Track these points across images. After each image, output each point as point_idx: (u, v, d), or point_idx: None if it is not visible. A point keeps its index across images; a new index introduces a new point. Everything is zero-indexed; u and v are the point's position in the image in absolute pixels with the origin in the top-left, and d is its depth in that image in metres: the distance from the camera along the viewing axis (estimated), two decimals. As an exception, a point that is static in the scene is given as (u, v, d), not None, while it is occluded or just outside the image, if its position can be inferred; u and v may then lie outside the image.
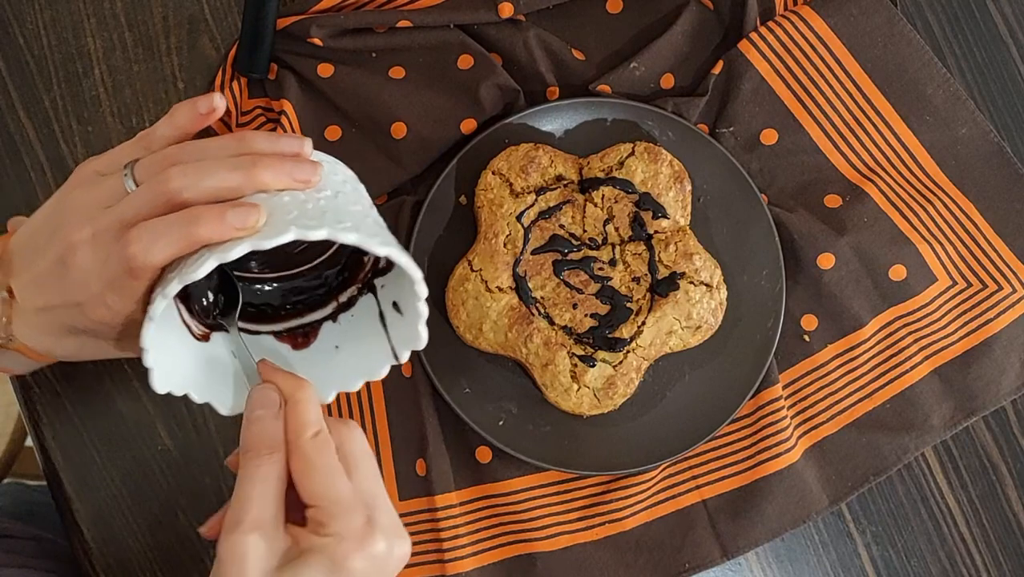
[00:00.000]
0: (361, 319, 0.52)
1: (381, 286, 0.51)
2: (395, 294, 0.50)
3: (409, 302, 0.47)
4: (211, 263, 0.41)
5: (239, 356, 0.49)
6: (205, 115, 0.48)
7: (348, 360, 0.51)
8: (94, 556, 0.63)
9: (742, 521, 0.63)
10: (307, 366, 0.51)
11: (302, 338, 0.52)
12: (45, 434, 0.63)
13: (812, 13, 0.66)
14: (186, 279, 0.41)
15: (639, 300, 0.62)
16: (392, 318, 0.50)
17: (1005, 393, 0.65)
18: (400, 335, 0.49)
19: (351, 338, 0.52)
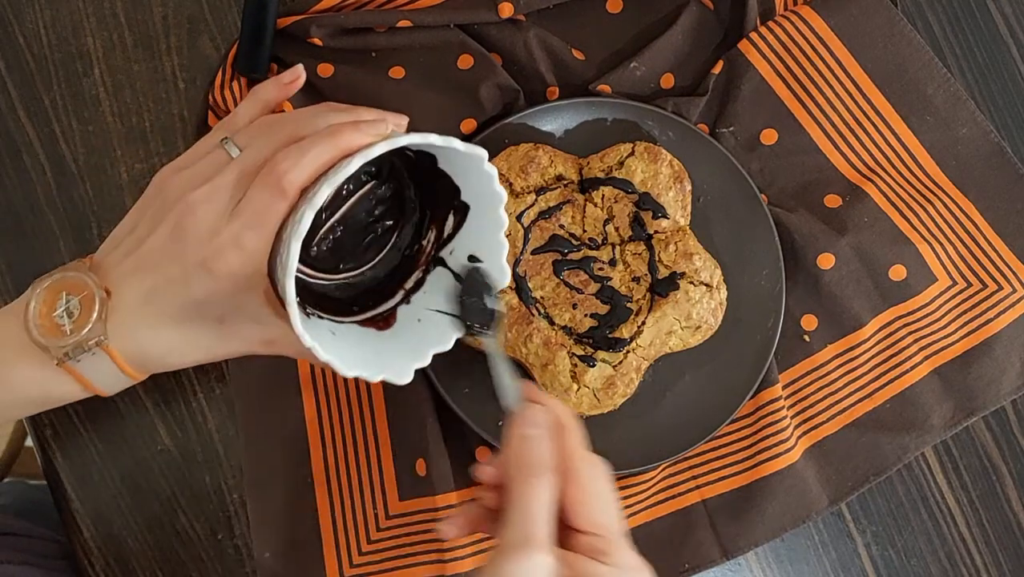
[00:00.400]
0: (435, 290, 0.54)
1: (450, 252, 0.53)
2: (471, 247, 0.52)
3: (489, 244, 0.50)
4: (357, 162, 0.44)
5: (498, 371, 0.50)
6: (289, 84, 0.51)
7: (434, 326, 0.52)
8: (94, 556, 0.63)
9: (742, 521, 0.63)
10: (396, 340, 0.53)
11: (382, 323, 0.54)
12: (45, 434, 0.63)
13: (812, 13, 0.66)
14: (335, 181, 0.44)
15: (639, 300, 0.62)
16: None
17: (1005, 393, 0.65)
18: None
19: (431, 307, 0.53)
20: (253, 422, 0.63)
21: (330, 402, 0.63)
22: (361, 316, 0.54)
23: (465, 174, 0.50)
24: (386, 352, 0.52)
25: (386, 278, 0.55)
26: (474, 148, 0.47)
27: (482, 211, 0.51)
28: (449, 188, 0.52)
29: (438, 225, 0.54)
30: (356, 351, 0.50)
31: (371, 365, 0.48)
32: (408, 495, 0.63)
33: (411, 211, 0.55)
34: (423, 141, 0.46)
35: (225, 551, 0.63)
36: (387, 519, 0.63)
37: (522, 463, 0.43)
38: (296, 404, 0.63)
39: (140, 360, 0.51)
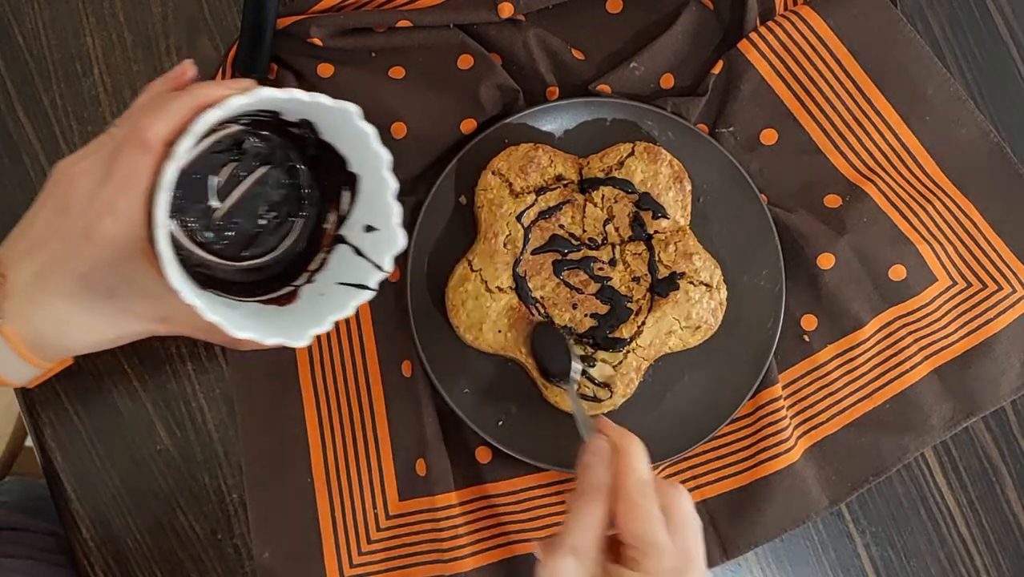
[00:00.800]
0: (336, 266, 0.54)
1: (349, 228, 0.54)
2: (366, 218, 0.53)
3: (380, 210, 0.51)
4: (216, 112, 0.45)
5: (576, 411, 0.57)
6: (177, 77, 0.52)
7: (336, 295, 0.53)
8: (93, 556, 0.63)
9: (742, 521, 0.63)
10: (298, 315, 0.53)
11: (285, 299, 0.54)
12: (45, 434, 0.63)
13: (812, 13, 0.66)
14: (196, 131, 0.45)
15: (639, 300, 0.62)
16: (368, 242, 0.53)
17: (1005, 393, 0.65)
18: (379, 249, 0.52)
19: (331, 282, 0.54)
20: (253, 422, 0.63)
21: (330, 402, 0.63)
22: (262, 297, 0.54)
23: (348, 142, 0.51)
24: (284, 322, 0.52)
25: (292, 262, 0.56)
26: (343, 103, 0.47)
27: (370, 178, 0.51)
28: (338, 161, 0.53)
29: (336, 204, 0.55)
30: (250, 319, 0.50)
31: (264, 330, 0.49)
32: (408, 495, 0.63)
33: (310, 195, 0.55)
34: (284, 96, 0.46)
35: (225, 551, 0.63)
36: (387, 519, 0.63)
37: (579, 485, 0.50)
38: (296, 404, 0.63)
39: (38, 343, 0.51)
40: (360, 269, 0.53)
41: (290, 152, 0.54)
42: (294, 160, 0.54)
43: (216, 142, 0.52)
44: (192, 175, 0.51)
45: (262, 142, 0.53)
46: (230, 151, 0.53)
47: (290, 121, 0.52)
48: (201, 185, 0.52)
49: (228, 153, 0.52)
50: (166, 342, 0.64)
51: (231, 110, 0.46)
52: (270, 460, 0.63)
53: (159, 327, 0.52)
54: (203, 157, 0.52)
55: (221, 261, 0.54)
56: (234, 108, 0.46)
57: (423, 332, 0.63)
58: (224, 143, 0.52)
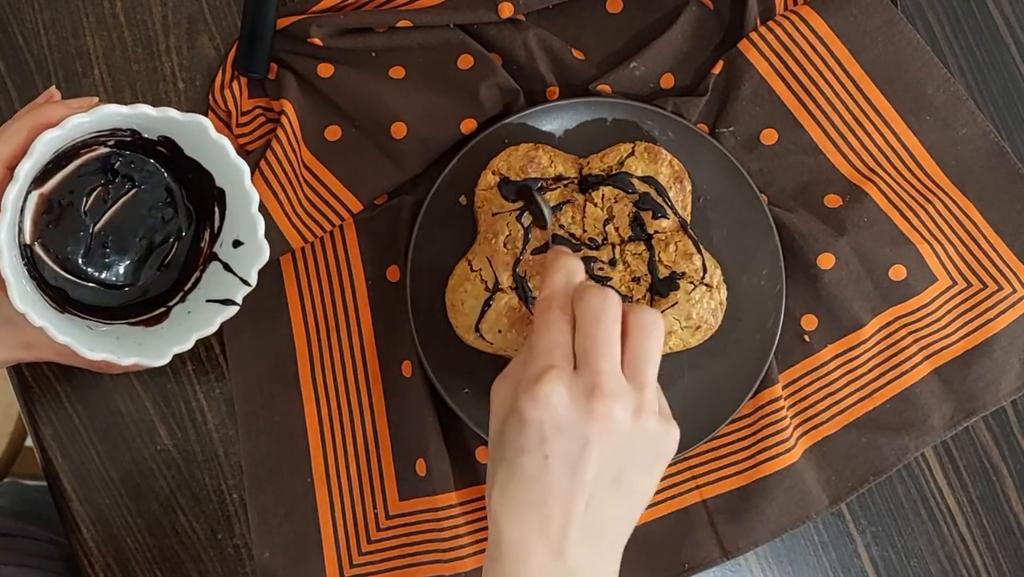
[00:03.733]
0: (206, 283, 0.55)
1: (220, 245, 0.55)
2: (234, 233, 0.53)
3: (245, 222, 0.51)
4: (56, 133, 0.46)
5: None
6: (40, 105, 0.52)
7: (202, 313, 0.54)
8: (93, 556, 0.63)
9: (742, 521, 0.63)
10: (165, 331, 0.54)
11: (155, 320, 0.55)
12: (45, 434, 0.63)
13: (812, 13, 0.66)
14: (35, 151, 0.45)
15: (639, 300, 0.62)
16: (236, 257, 0.54)
17: (1005, 393, 0.65)
18: (246, 263, 0.53)
19: (200, 299, 0.55)
20: (253, 422, 0.63)
21: (330, 402, 0.63)
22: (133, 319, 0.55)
23: (209, 156, 0.51)
24: (149, 341, 0.53)
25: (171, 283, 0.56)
26: (194, 116, 0.47)
27: (234, 191, 0.52)
28: (206, 178, 0.53)
29: (209, 222, 0.55)
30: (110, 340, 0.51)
31: (122, 350, 0.49)
32: (408, 495, 0.63)
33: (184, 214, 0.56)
34: (131, 111, 0.46)
35: (225, 551, 0.63)
36: (387, 519, 0.63)
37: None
38: (296, 404, 0.63)
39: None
40: (228, 284, 0.53)
41: (162, 172, 0.54)
42: (166, 180, 0.55)
43: (82, 165, 0.52)
44: (58, 200, 0.51)
45: (132, 163, 0.53)
46: (100, 174, 0.53)
47: (153, 140, 0.52)
48: (71, 210, 0.52)
49: (97, 176, 0.53)
50: (166, 342, 0.64)
51: (72, 129, 0.46)
52: (270, 460, 0.63)
53: (22, 354, 0.52)
54: (69, 181, 0.52)
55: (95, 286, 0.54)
56: (74, 127, 0.46)
57: (423, 332, 0.63)
58: (91, 166, 0.52)
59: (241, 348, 0.63)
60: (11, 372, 0.64)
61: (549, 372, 0.46)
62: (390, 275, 0.64)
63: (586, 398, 0.46)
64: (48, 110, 0.47)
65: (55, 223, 0.52)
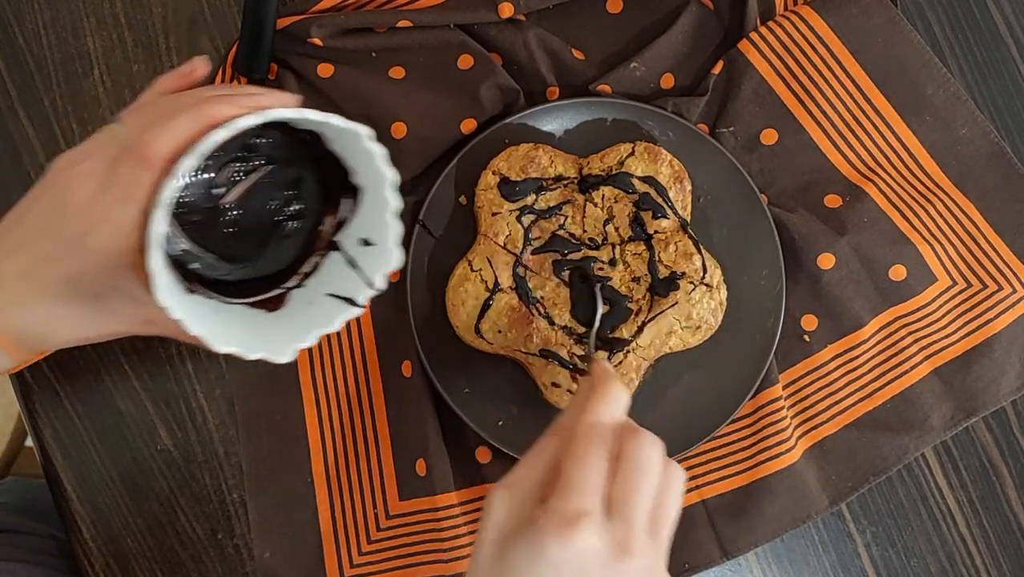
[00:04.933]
0: (328, 275, 0.54)
1: (346, 237, 0.54)
2: (363, 231, 0.53)
3: (380, 228, 0.50)
4: (222, 133, 0.44)
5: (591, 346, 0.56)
6: (186, 74, 0.52)
7: (323, 307, 0.53)
8: (93, 556, 0.63)
9: (742, 521, 0.63)
10: (284, 321, 0.53)
11: (273, 303, 0.54)
12: (45, 434, 0.63)
13: (812, 13, 0.66)
14: (200, 151, 0.44)
15: (639, 300, 0.62)
16: (363, 255, 0.53)
17: (1005, 393, 0.65)
18: (373, 265, 0.52)
19: (321, 291, 0.54)
20: (253, 422, 0.63)
21: (330, 402, 0.63)
22: (252, 298, 0.54)
23: (354, 155, 0.51)
24: (271, 333, 0.52)
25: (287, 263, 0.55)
26: (354, 125, 0.47)
27: (372, 193, 0.51)
28: (341, 171, 0.52)
29: (335, 210, 0.54)
30: (236, 329, 0.50)
31: (249, 343, 0.48)
32: (408, 495, 0.63)
33: (310, 197, 0.55)
34: (294, 116, 0.46)
35: (225, 551, 0.63)
36: (387, 519, 0.63)
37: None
38: (296, 404, 0.63)
39: (19, 337, 0.50)
40: (351, 283, 0.53)
41: (294, 153, 0.54)
42: (298, 161, 0.54)
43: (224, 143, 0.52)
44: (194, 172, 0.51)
45: (267, 140, 0.53)
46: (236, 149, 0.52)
47: (297, 128, 0.52)
48: (202, 182, 0.51)
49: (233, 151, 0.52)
50: (166, 342, 0.64)
51: (238, 130, 0.45)
52: (270, 460, 0.63)
53: (142, 329, 0.51)
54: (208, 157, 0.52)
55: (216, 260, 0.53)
56: (241, 128, 0.45)
57: (423, 332, 0.63)
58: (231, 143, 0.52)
59: (241, 348, 0.63)
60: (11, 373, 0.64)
61: (585, 519, 0.42)
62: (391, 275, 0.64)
63: (617, 554, 0.43)
64: (217, 108, 0.46)
65: (188, 194, 0.51)
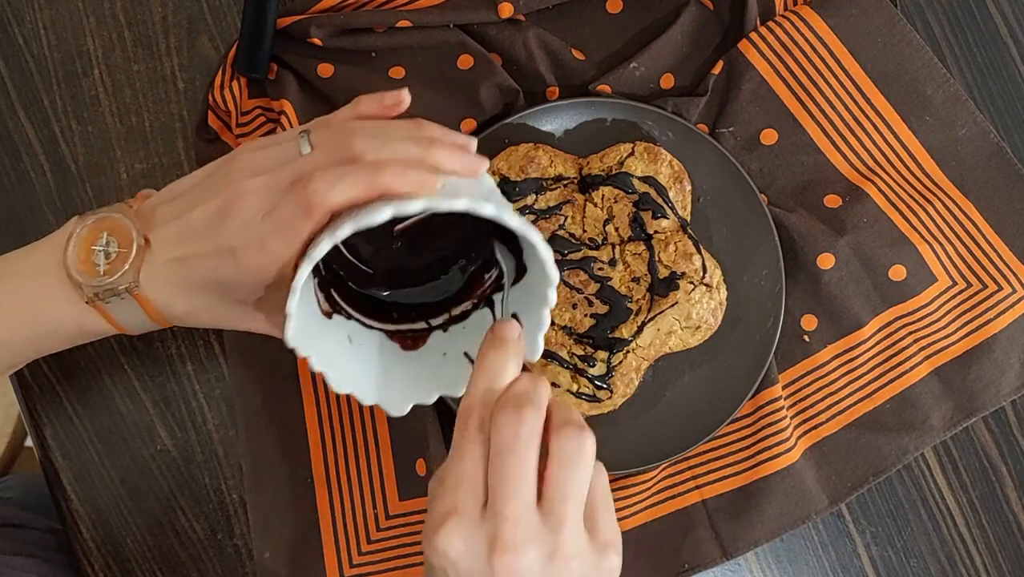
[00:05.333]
0: (472, 330, 0.53)
1: (501, 300, 0.52)
2: (517, 306, 0.51)
3: (532, 312, 0.49)
4: (388, 212, 0.43)
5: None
6: (390, 107, 0.51)
7: (454, 367, 0.52)
8: (93, 556, 0.63)
9: (742, 521, 0.63)
10: (413, 366, 0.52)
11: (411, 341, 0.53)
12: (45, 434, 0.63)
13: (812, 13, 0.66)
14: (360, 224, 0.43)
15: (639, 300, 0.62)
16: None
17: (1005, 393, 0.65)
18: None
19: (460, 347, 0.52)
20: (253, 422, 0.63)
21: (330, 402, 0.63)
22: (394, 326, 0.53)
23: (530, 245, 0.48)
24: (395, 376, 0.51)
25: (436, 300, 0.54)
26: (528, 229, 0.44)
27: (536, 282, 0.49)
28: (516, 244, 0.51)
29: (499, 272, 0.53)
30: (362, 365, 0.50)
31: (369, 387, 0.48)
32: (408, 495, 0.63)
33: (480, 248, 0.53)
34: (469, 209, 0.43)
35: (225, 551, 0.63)
36: (387, 519, 0.63)
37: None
38: (296, 404, 0.63)
39: (165, 312, 0.52)
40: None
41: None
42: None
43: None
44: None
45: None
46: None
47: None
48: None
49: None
50: (166, 342, 0.64)
51: (406, 210, 0.43)
52: (270, 460, 0.63)
53: (277, 332, 0.52)
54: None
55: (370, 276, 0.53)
56: (406, 213, 0.43)
57: (423, 332, 0.63)
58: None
59: (241, 348, 0.63)
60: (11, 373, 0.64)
61: (448, 520, 0.41)
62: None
63: (487, 552, 0.40)
64: (390, 180, 0.44)
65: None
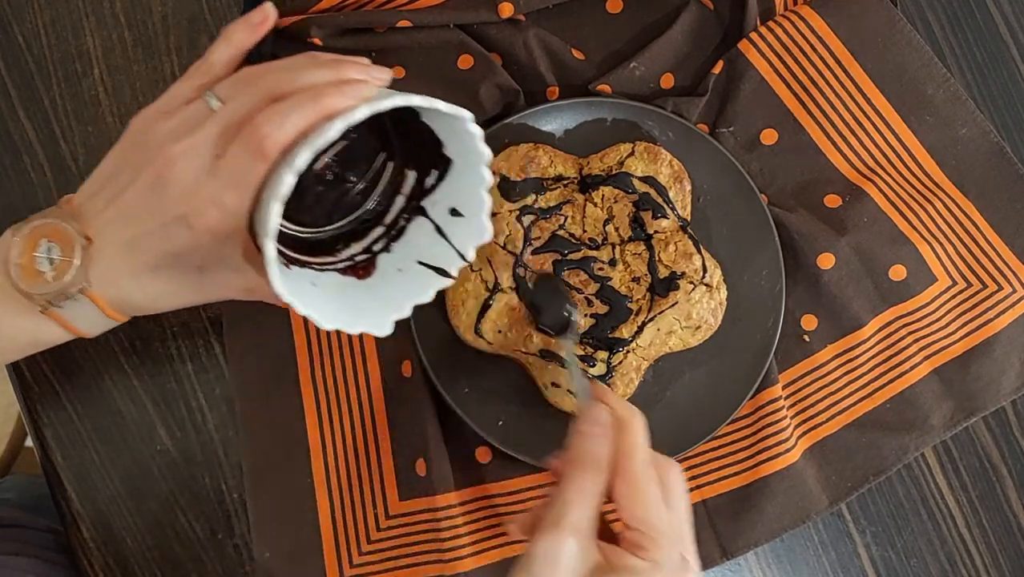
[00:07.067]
0: (416, 241, 0.54)
1: (432, 204, 0.54)
2: (453, 200, 0.52)
3: (471, 198, 0.50)
4: (338, 125, 0.44)
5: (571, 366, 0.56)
6: (259, 24, 0.51)
7: (414, 277, 0.53)
8: (93, 556, 0.63)
9: (742, 521, 0.63)
10: (376, 290, 0.53)
11: (363, 270, 0.54)
12: (45, 434, 0.63)
13: (812, 13, 0.66)
14: (316, 146, 0.44)
15: (639, 300, 0.62)
16: (452, 225, 0.53)
17: (1005, 393, 0.65)
18: (464, 236, 0.52)
19: (411, 259, 0.54)
20: (253, 422, 0.63)
21: (330, 402, 0.63)
22: (339, 261, 0.54)
23: (449, 131, 0.50)
24: (365, 303, 0.52)
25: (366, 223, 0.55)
26: (458, 110, 0.47)
27: (466, 167, 0.51)
28: (432, 140, 0.52)
29: (419, 172, 0.54)
30: (335, 303, 0.50)
31: (350, 317, 0.49)
32: (408, 495, 0.63)
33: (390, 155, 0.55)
34: (406, 102, 0.46)
35: (225, 551, 0.63)
36: (387, 519, 0.63)
37: (575, 456, 0.46)
38: (296, 404, 0.63)
39: (123, 305, 0.51)
40: (440, 253, 0.53)
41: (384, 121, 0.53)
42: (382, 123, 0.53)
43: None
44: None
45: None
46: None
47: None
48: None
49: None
50: (166, 342, 0.64)
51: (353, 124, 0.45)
52: (270, 460, 0.63)
53: (241, 296, 0.52)
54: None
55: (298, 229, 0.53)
56: (356, 121, 0.45)
57: (423, 332, 0.63)
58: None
59: (241, 348, 0.63)
60: (11, 372, 0.64)
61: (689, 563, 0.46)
62: None
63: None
64: (333, 102, 0.45)
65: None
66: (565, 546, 0.43)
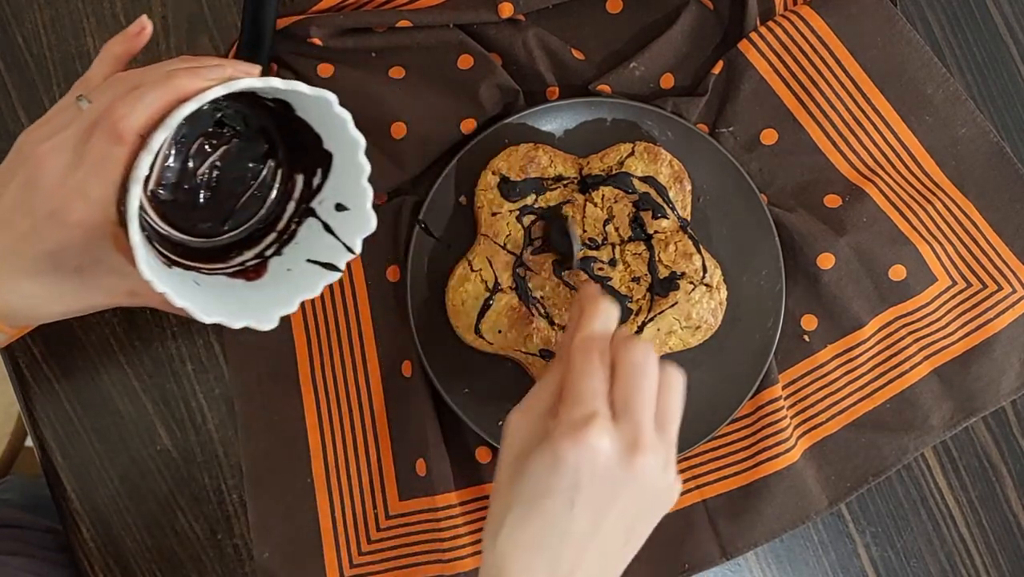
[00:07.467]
0: (306, 241, 0.55)
1: (319, 203, 0.54)
2: (337, 196, 0.53)
3: (353, 189, 0.51)
4: (191, 106, 0.45)
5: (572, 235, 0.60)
6: (136, 35, 0.52)
7: (304, 274, 0.54)
8: (93, 556, 0.63)
9: (742, 521, 0.63)
10: (266, 291, 0.54)
11: (253, 273, 0.55)
12: (44, 434, 0.63)
13: (812, 13, 0.66)
14: (170, 126, 0.45)
15: (639, 300, 0.62)
16: (339, 221, 0.53)
17: (1005, 393, 0.65)
18: (350, 229, 0.53)
19: (300, 258, 0.55)
20: (253, 422, 0.63)
21: (330, 402, 0.63)
22: (230, 267, 0.54)
23: (323, 122, 0.51)
24: (252, 301, 0.52)
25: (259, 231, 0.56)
26: (321, 92, 0.47)
27: (345, 159, 0.52)
28: (312, 138, 0.53)
29: (306, 174, 0.55)
30: (220, 301, 0.51)
31: (233, 313, 0.49)
32: (408, 495, 0.63)
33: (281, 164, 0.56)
34: (262, 85, 0.46)
35: (225, 551, 0.63)
36: (387, 519, 0.63)
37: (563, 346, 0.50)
38: (296, 404, 0.63)
39: (7, 315, 0.51)
40: (329, 248, 0.53)
41: (265, 123, 0.54)
42: (268, 132, 0.55)
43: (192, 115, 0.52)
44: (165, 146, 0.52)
45: (237, 113, 0.54)
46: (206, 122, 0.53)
47: (265, 98, 0.52)
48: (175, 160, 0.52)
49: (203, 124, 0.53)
50: (166, 343, 0.64)
51: (206, 102, 0.46)
52: (270, 460, 0.63)
53: (127, 300, 0.52)
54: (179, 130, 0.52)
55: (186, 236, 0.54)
56: (209, 100, 0.46)
57: (423, 332, 0.63)
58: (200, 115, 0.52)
59: (241, 348, 0.63)
60: (11, 372, 0.64)
61: (595, 419, 0.46)
62: (390, 275, 0.64)
63: (629, 451, 0.46)
64: (184, 81, 0.46)
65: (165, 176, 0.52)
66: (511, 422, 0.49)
